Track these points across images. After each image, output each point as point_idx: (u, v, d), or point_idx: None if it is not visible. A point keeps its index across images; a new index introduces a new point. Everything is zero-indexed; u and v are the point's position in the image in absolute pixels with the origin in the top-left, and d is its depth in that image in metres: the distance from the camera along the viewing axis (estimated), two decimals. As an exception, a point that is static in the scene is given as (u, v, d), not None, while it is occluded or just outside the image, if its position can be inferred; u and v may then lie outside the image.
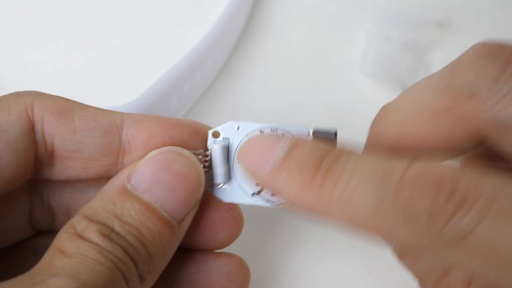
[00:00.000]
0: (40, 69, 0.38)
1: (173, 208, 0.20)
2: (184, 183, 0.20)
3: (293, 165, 0.19)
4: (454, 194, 0.15)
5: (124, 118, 0.21)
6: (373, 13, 0.40)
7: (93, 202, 0.20)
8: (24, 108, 0.20)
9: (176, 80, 0.33)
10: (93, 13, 0.41)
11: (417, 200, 0.16)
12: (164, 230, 0.19)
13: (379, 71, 0.37)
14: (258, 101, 0.37)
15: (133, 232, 0.19)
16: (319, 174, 0.18)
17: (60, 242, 0.18)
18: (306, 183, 0.18)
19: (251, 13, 0.42)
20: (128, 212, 0.19)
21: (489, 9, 0.42)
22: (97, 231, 0.18)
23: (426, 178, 0.16)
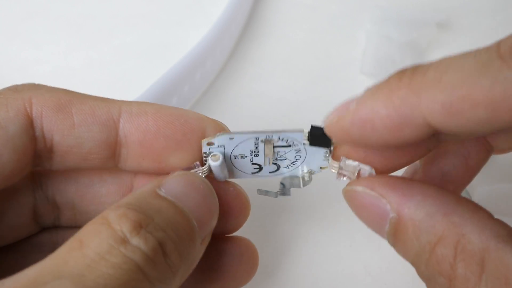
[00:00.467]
0: (40, 69, 0.38)
1: (200, 221, 0.20)
2: (208, 203, 0.21)
3: (376, 85, 0.19)
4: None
5: (122, 110, 0.22)
6: (373, 13, 0.40)
7: (126, 198, 0.19)
8: (22, 104, 0.20)
9: (176, 80, 0.33)
10: (93, 13, 0.41)
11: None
12: (193, 239, 0.20)
13: (379, 71, 0.37)
14: (258, 101, 0.37)
15: (173, 226, 0.19)
16: (406, 73, 0.18)
17: (86, 232, 0.17)
18: (394, 86, 0.18)
19: (251, 13, 0.42)
20: (166, 210, 0.19)
21: (489, 9, 0.42)
22: (134, 220, 0.17)
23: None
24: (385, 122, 0.18)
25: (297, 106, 0.36)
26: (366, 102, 0.19)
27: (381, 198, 0.19)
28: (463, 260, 0.17)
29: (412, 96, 0.17)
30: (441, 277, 0.18)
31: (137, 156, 0.22)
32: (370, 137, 0.19)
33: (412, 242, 0.19)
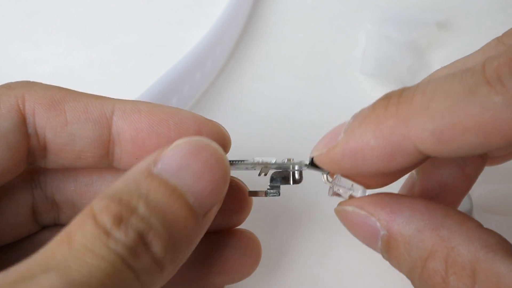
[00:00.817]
0: (40, 69, 0.38)
1: (199, 196, 0.19)
2: (212, 172, 0.19)
3: (363, 113, 0.19)
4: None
5: (115, 108, 0.21)
6: (373, 13, 0.40)
7: (117, 183, 0.19)
8: (15, 101, 0.20)
9: (176, 80, 0.33)
10: (93, 13, 0.41)
11: (509, 59, 0.16)
12: (189, 217, 0.18)
13: (379, 71, 0.37)
14: (258, 101, 0.37)
15: (158, 213, 0.18)
16: (392, 100, 0.18)
17: (73, 224, 0.17)
18: (381, 115, 0.18)
19: (251, 13, 0.42)
20: (154, 194, 0.18)
21: (489, 9, 0.42)
22: (114, 214, 0.17)
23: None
24: (376, 153, 0.18)
25: (297, 106, 0.36)
26: (354, 133, 0.19)
27: (371, 216, 0.20)
28: (455, 273, 0.18)
29: (400, 125, 0.17)
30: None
31: (130, 155, 0.22)
32: (362, 167, 0.19)
33: (404, 257, 0.19)
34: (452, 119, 0.16)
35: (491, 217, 0.31)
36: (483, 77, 0.16)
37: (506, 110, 0.15)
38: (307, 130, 0.35)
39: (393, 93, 0.18)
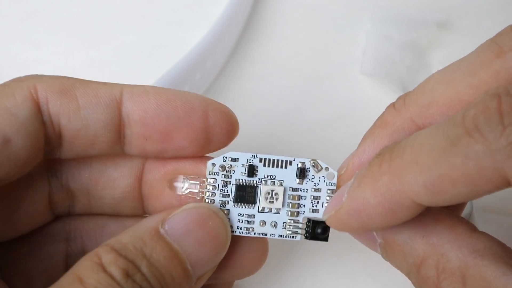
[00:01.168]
0: (40, 69, 0.38)
1: (197, 262, 0.20)
2: (214, 241, 0.21)
3: (361, 173, 0.19)
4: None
5: (123, 91, 0.22)
6: (373, 13, 0.40)
7: (123, 237, 0.20)
8: (28, 91, 0.21)
9: (176, 80, 0.33)
10: (93, 13, 0.41)
11: (485, 109, 0.16)
12: (185, 282, 0.20)
13: (379, 71, 0.37)
14: (258, 101, 0.37)
15: (158, 276, 0.19)
16: (384, 159, 0.18)
17: (82, 269, 0.18)
18: (376, 175, 0.18)
19: (251, 13, 0.42)
20: (157, 256, 0.19)
21: (489, 9, 0.42)
22: (123, 268, 0.18)
23: (488, 95, 0.16)
24: (378, 210, 0.19)
25: (297, 106, 0.36)
26: (355, 193, 0.19)
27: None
28: (446, 279, 0.18)
29: (395, 181, 0.18)
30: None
31: (141, 137, 0.22)
32: (369, 224, 0.19)
33: (402, 262, 0.20)
34: (439, 171, 0.17)
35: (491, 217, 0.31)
36: (462, 127, 0.16)
37: (488, 157, 0.16)
38: (307, 130, 0.35)
39: (386, 149, 0.19)
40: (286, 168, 0.22)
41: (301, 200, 0.22)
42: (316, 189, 0.22)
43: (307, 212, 0.22)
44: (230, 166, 0.22)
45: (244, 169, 0.22)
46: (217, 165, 0.22)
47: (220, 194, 0.22)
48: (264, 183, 0.22)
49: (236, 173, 0.22)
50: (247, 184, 0.22)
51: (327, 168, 0.22)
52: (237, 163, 0.22)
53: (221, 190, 0.22)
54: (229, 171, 0.22)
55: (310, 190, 0.22)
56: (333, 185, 0.22)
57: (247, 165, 0.22)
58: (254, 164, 0.22)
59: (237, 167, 0.22)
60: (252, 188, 0.22)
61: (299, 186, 0.22)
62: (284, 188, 0.22)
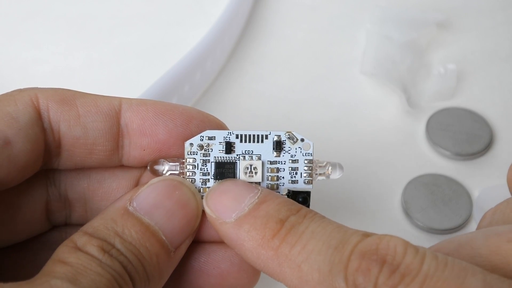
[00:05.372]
0: (40, 69, 0.38)
1: (171, 232, 0.20)
2: (184, 210, 0.21)
3: (259, 219, 0.20)
4: (396, 270, 0.16)
5: (122, 102, 0.22)
6: (373, 13, 0.40)
7: (95, 220, 0.20)
8: (29, 99, 0.21)
9: (176, 80, 0.33)
10: (93, 13, 0.41)
11: (364, 272, 0.17)
12: (161, 253, 0.20)
13: (379, 71, 0.37)
14: (258, 101, 0.37)
15: (133, 250, 0.19)
16: (281, 231, 0.19)
17: (60, 253, 0.19)
18: (267, 238, 0.19)
19: (251, 13, 0.42)
20: (129, 231, 0.20)
21: (489, 9, 0.42)
22: (98, 246, 0.19)
23: (374, 253, 0.17)
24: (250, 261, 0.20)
25: (297, 106, 0.36)
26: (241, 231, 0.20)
27: None
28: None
29: (275, 263, 0.19)
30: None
31: (138, 147, 0.22)
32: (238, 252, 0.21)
33: None
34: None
35: (491, 217, 0.31)
36: (344, 270, 0.17)
37: None
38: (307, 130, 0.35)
39: (285, 223, 0.19)
40: (263, 142, 0.22)
41: (279, 172, 0.22)
42: (293, 160, 0.22)
43: (286, 184, 0.22)
44: (207, 144, 0.22)
45: (221, 146, 0.22)
46: (195, 144, 0.22)
47: (200, 173, 0.22)
48: (242, 159, 0.22)
49: (214, 151, 0.22)
50: (226, 161, 0.22)
51: (302, 139, 0.23)
52: (214, 141, 0.22)
53: (201, 169, 0.22)
54: (207, 149, 0.22)
55: (287, 162, 0.22)
56: (310, 155, 0.22)
57: (224, 143, 0.22)
58: (231, 141, 0.22)
59: (214, 145, 0.22)
60: (231, 165, 0.22)
61: (277, 159, 0.22)
62: (262, 162, 0.22)
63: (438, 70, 0.37)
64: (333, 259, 0.18)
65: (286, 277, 0.19)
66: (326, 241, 0.18)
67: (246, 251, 0.20)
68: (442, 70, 0.37)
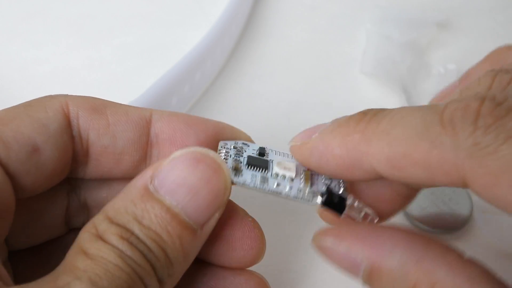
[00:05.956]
0: (40, 69, 0.38)
1: (195, 211, 0.19)
2: (209, 185, 0.19)
3: (339, 121, 0.20)
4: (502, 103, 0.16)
5: (153, 113, 0.22)
6: (373, 13, 0.40)
7: (116, 201, 0.19)
8: (59, 106, 0.21)
9: (176, 80, 0.33)
10: (93, 13, 0.41)
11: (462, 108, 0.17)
12: (185, 234, 0.19)
13: (379, 71, 0.37)
14: (258, 101, 0.37)
15: (153, 236, 0.18)
16: (365, 118, 0.19)
17: (82, 241, 0.18)
18: (350, 130, 0.19)
19: (251, 13, 0.42)
20: (148, 215, 0.18)
21: (489, 9, 0.42)
22: (117, 234, 0.18)
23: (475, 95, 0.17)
24: (338, 161, 0.19)
25: (297, 106, 0.36)
26: (326, 137, 0.20)
27: (352, 250, 0.19)
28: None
29: (363, 143, 0.18)
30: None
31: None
32: (325, 169, 0.20)
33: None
34: (405, 149, 0.17)
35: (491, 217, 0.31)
36: (439, 117, 0.17)
37: (452, 151, 0.16)
38: (307, 130, 0.35)
39: (370, 111, 0.19)
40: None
41: (314, 176, 0.22)
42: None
43: (321, 186, 0.22)
44: (241, 147, 0.22)
45: (255, 151, 0.22)
46: (229, 144, 0.22)
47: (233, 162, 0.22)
48: (277, 158, 0.22)
49: (247, 152, 0.22)
50: (259, 158, 0.22)
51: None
52: (249, 147, 0.22)
53: (234, 159, 0.22)
54: (241, 151, 0.22)
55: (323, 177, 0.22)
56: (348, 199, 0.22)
57: (258, 148, 0.22)
58: (264, 149, 0.23)
59: (248, 149, 0.22)
60: (265, 161, 0.22)
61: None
62: (296, 165, 0.22)
63: (438, 70, 0.37)
64: (426, 114, 0.17)
65: (376, 150, 0.18)
66: (415, 108, 0.18)
67: (333, 153, 0.19)
68: (442, 70, 0.37)
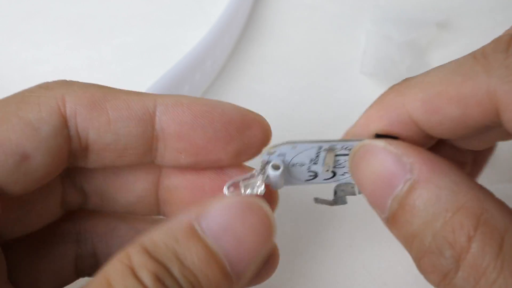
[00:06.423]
0: (40, 69, 0.38)
1: (237, 262, 0.18)
2: (256, 238, 0.19)
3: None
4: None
5: (157, 103, 0.21)
6: (373, 13, 0.40)
7: (156, 233, 0.18)
8: (55, 103, 0.20)
9: (176, 80, 0.33)
10: (93, 13, 0.41)
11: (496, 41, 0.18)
12: (223, 283, 0.18)
13: (379, 71, 0.37)
14: (258, 101, 0.37)
15: (191, 279, 0.17)
16: (398, 83, 0.20)
17: (112, 272, 0.17)
18: (387, 91, 0.20)
19: (251, 13, 0.42)
20: (191, 256, 0.17)
21: (489, 9, 0.42)
22: (153, 272, 0.17)
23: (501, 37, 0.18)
24: (379, 123, 0.20)
25: (297, 106, 0.36)
26: (365, 112, 0.21)
27: (404, 156, 0.18)
28: (484, 233, 0.16)
29: (398, 96, 0.19)
30: (450, 250, 0.17)
31: (175, 150, 0.21)
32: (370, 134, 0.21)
33: (424, 209, 0.17)
34: (439, 88, 0.18)
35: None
36: (472, 56, 0.18)
37: (485, 79, 0.17)
38: (307, 130, 0.35)
39: (402, 80, 0.20)
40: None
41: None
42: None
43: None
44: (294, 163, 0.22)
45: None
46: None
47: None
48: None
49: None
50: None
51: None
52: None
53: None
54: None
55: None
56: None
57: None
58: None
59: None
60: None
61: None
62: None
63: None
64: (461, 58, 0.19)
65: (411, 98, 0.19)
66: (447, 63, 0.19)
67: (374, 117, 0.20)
68: (442, 70, 0.37)
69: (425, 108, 0.18)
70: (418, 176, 0.18)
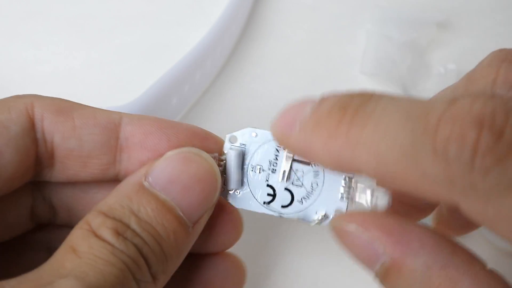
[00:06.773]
0: (40, 69, 0.38)
1: (188, 208, 0.20)
2: (201, 184, 0.20)
3: (319, 116, 0.18)
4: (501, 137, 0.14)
5: (122, 116, 0.22)
6: (373, 13, 0.40)
7: (109, 198, 0.19)
8: (24, 107, 0.20)
9: (176, 80, 0.33)
10: (93, 13, 0.41)
11: (458, 139, 0.14)
12: (179, 230, 0.19)
13: (379, 71, 0.37)
14: (258, 101, 0.37)
15: (149, 229, 0.19)
16: (346, 116, 0.17)
17: (74, 239, 0.18)
18: (332, 131, 0.17)
19: (251, 13, 0.42)
20: (145, 209, 0.19)
21: (489, 9, 0.42)
22: (112, 228, 0.18)
23: (472, 114, 0.14)
24: (323, 161, 0.18)
25: (297, 106, 0.36)
26: (307, 135, 0.18)
27: (376, 241, 0.18)
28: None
29: (348, 149, 0.17)
30: None
31: (139, 162, 0.22)
32: (313, 160, 0.20)
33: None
34: (394, 169, 0.16)
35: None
36: (431, 140, 0.15)
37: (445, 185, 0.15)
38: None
39: (350, 106, 0.17)
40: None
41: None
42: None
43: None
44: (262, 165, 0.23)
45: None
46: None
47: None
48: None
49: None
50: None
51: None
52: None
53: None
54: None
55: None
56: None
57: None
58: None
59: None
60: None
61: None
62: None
63: (438, 70, 0.37)
64: (416, 130, 0.15)
65: (362, 162, 0.17)
66: (404, 113, 0.16)
67: (318, 154, 0.18)
68: (442, 70, 0.37)
69: (379, 178, 0.17)
70: (391, 262, 0.18)
